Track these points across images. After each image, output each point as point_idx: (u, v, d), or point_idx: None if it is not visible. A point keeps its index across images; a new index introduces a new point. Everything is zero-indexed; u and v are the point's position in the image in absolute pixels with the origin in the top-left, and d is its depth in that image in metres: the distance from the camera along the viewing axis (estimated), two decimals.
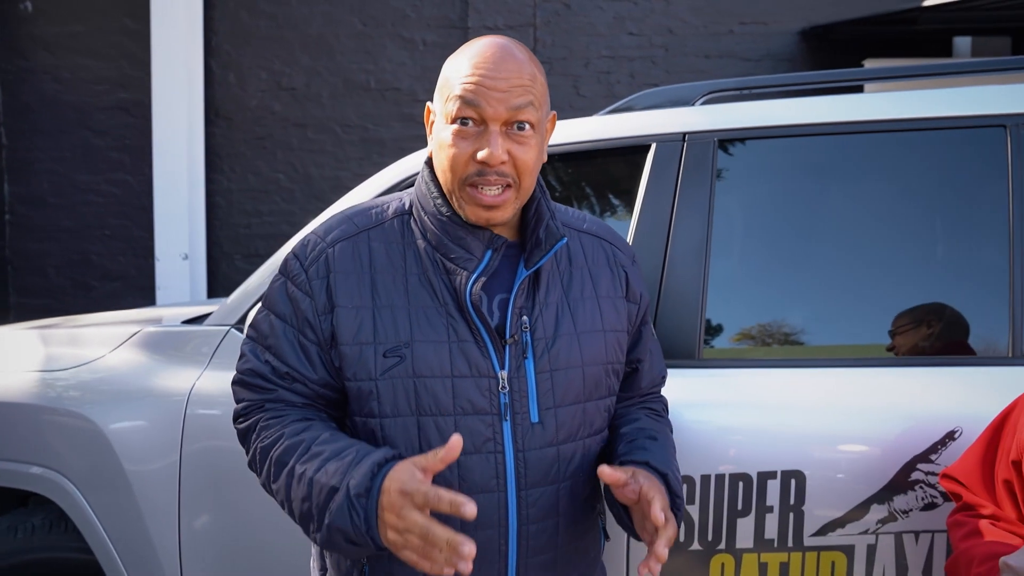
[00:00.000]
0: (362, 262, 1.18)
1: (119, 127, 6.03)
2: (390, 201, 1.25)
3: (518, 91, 1.13)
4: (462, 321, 1.16)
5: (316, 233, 1.22)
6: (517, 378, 1.17)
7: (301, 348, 1.17)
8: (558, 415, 1.19)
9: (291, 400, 1.19)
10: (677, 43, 5.62)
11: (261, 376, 1.20)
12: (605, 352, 1.24)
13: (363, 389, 1.15)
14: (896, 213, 1.72)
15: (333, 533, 1.07)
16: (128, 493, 2.00)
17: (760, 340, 1.70)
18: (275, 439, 1.16)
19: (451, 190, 1.16)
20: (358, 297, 1.16)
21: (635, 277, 1.31)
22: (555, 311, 1.21)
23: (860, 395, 1.54)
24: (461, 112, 1.13)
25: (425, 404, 1.14)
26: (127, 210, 6.08)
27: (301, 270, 1.19)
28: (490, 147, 1.11)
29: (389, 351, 1.14)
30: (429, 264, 1.18)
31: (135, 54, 5.91)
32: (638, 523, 1.15)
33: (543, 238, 1.19)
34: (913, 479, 1.46)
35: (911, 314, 1.64)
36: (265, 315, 1.22)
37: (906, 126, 1.65)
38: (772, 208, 1.76)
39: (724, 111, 1.76)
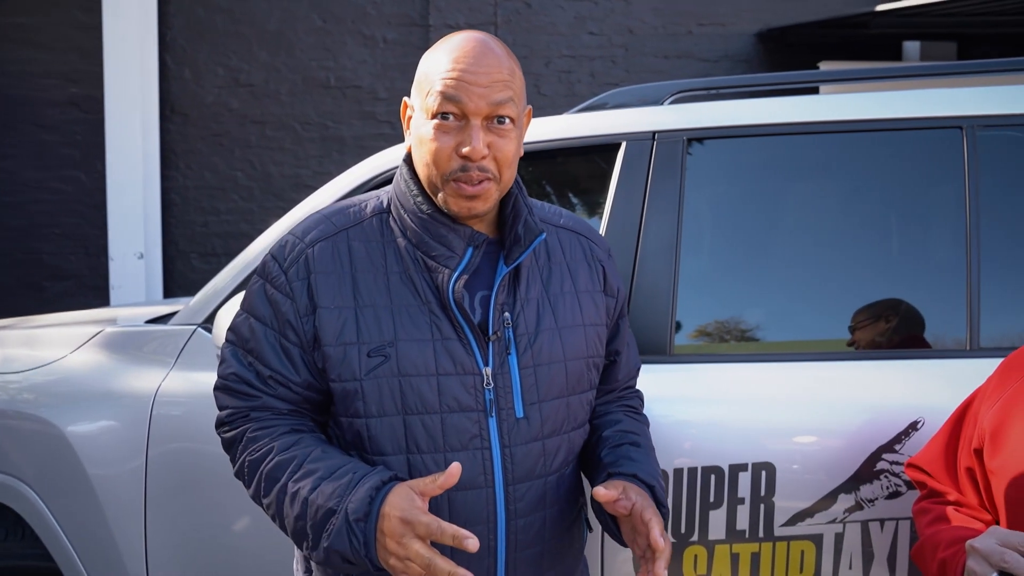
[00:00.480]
0: (342, 262, 1.17)
1: (70, 123, 5.87)
2: (367, 199, 1.24)
3: (499, 86, 1.14)
4: (445, 319, 1.16)
5: (294, 234, 1.21)
6: (501, 374, 1.17)
7: (283, 351, 1.16)
8: (543, 410, 1.20)
9: (277, 407, 1.18)
10: (637, 43, 5.68)
11: (245, 382, 1.18)
12: (586, 346, 1.25)
13: (348, 389, 1.14)
14: (858, 211, 1.77)
15: (331, 555, 1.08)
16: (92, 498, 1.95)
17: (730, 335, 1.74)
18: (264, 453, 1.15)
19: (433, 185, 1.16)
20: (340, 297, 1.15)
21: (612, 271, 1.33)
22: (536, 307, 1.22)
23: (827, 388, 1.59)
24: (442, 107, 1.13)
25: (411, 403, 1.14)
26: (79, 208, 5.93)
27: (280, 272, 1.17)
28: (472, 142, 1.12)
29: (373, 351, 1.14)
30: (410, 262, 1.17)
31: (86, 47, 5.76)
32: (627, 535, 1.18)
33: (522, 234, 1.20)
34: (878, 469, 1.51)
35: (871, 309, 1.69)
36: (245, 318, 1.20)
37: (867, 127, 1.70)
38: (739, 206, 1.80)
39: (693, 110, 1.79)
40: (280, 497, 1.12)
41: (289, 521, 1.12)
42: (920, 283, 1.70)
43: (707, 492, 1.55)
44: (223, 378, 1.21)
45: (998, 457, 1.13)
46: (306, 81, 5.85)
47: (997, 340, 1.59)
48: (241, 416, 1.19)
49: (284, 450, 1.14)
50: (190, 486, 1.91)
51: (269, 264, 1.20)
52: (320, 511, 1.08)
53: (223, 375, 1.21)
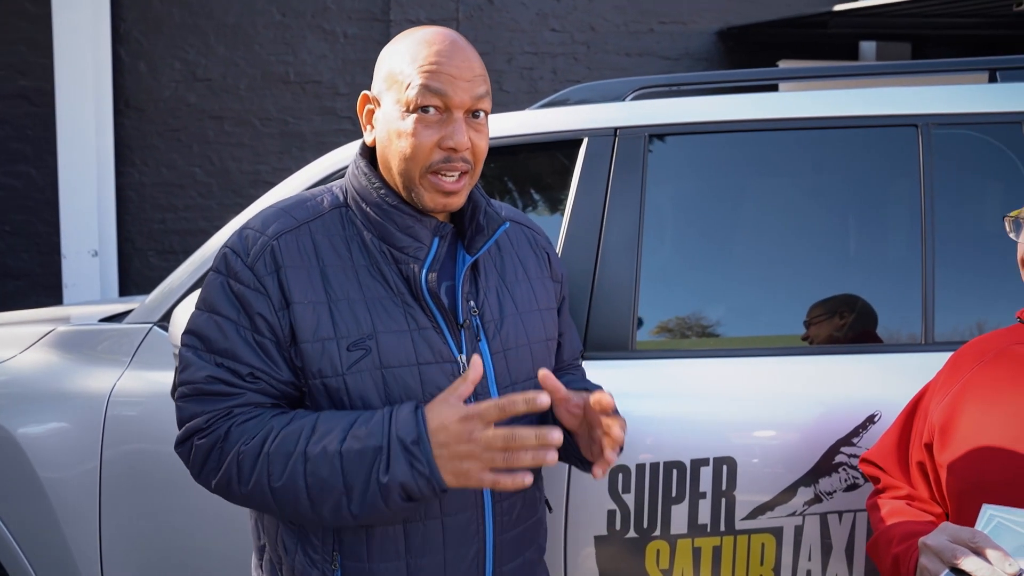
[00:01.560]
0: (309, 255, 1.14)
1: (20, 116, 5.71)
2: (321, 194, 1.23)
3: (479, 80, 1.15)
4: (419, 309, 1.16)
5: (252, 227, 1.16)
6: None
7: (259, 346, 1.12)
8: (515, 392, 1.21)
9: (261, 402, 1.12)
10: (599, 40, 5.70)
11: (222, 381, 1.11)
12: (544, 329, 1.29)
13: (330, 386, 1.12)
14: (816, 208, 1.79)
15: (391, 491, 1.03)
16: (43, 502, 1.90)
17: (691, 331, 1.75)
18: (264, 436, 1.07)
19: (410, 179, 1.15)
20: (312, 292, 1.13)
21: (555, 258, 1.38)
22: (496, 294, 1.24)
23: (787, 383, 1.60)
24: (426, 100, 1.12)
25: (395, 394, 1.13)
26: (30, 204, 5.77)
27: (245, 267, 1.13)
28: (457, 135, 1.12)
29: (353, 344, 1.12)
30: (377, 255, 1.17)
31: (35, 39, 5.60)
32: (585, 446, 1.19)
33: (484, 224, 1.21)
34: (837, 462, 1.53)
35: (828, 305, 1.71)
36: (208, 318, 1.14)
37: (824, 124, 1.73)
38: (700, 202, 1.81)
39: (654, 107, 1.79)
40: (299, 468, 1.05)
41: (315, 490, 1.05)
42: (876, 279, 1.73)
43: (669, 487, 1.56)
44: (192, 383, 1.12)
45: (946, 451, 1.15)
46: (265, 76, 5.77)
47: (950, 335, 1.62)
48: (222, 416, 1.11)
49: (285, 426, 1.08)
50: (146, 488, 1.87)
51: (230, 259, 1.14)
52: (364, 455, 1.04)
53: (191, 380, 1.12)
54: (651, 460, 1.57)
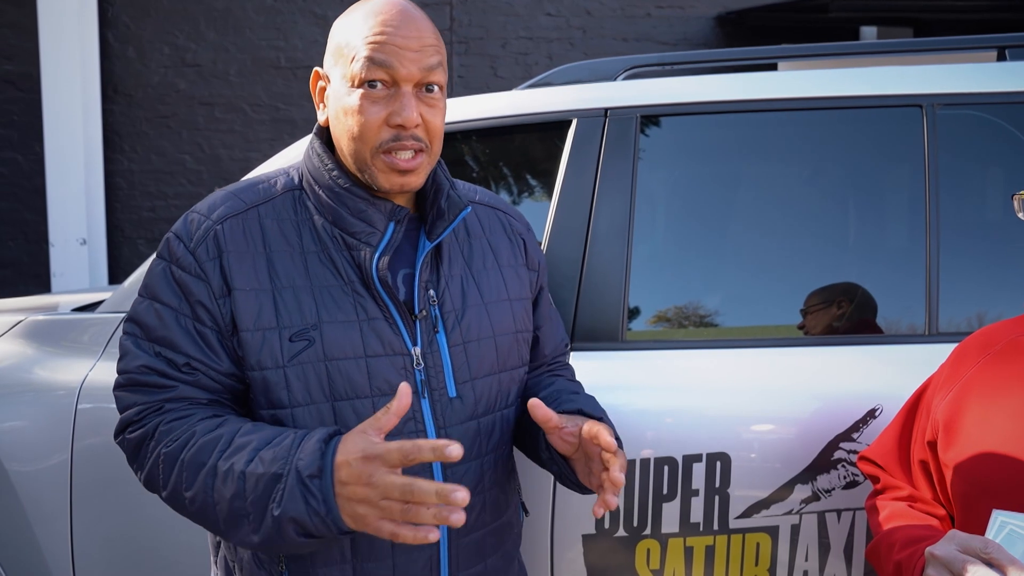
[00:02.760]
0: (255, 241, 1.08)
1: (5, 102, 5.62)
2: (276, 176, 1.15)
3: (430, 51, 1.07)
4: (369, 298, 1.09)
5: (198, 211, 1.10)
6: (431, 353, 1.12)
7: (199, 335, 1.06)
8: (475, 388, 1.15)
9: (195, 396, 1.07)
10: (595, 25, 5.60)
11: (156, 372, 1.06)
12: (514, 321, 1.21)
13: (269, 378, 1.05)
14: (815, 193, 1.71)
15: (284, 526, 0.95)
16: (12, 495, 1.83)
17: (683, 321, 1.67)
18: (184, 440, 1.02)
19: (362, 159, 1.08)
20: (255, 279, 1.06)
21: (532, 244, 1.30)
22: (460, 283, 1.17)
23: (783, 375, 1.53)
24: (371, 74, 1.05)
25: (340, 388, 1.06)
26: (16, 191, 5.69)
27: (187, 252, 1.07)
28: (405, 110, 1.05)
29: (295, 335, 1.06)
30: (328, 240, 1.10)
31: (20, 22, 5.50)
32: (582, 473, 1.10)
33: (445, 208, 1.14)
34: (836, 458, 1.46)
35: (826, 293, 1.64)
36: (148, 305, 1.08)
37: (825, 104, 1.65)
38: (694, 186, 1.73)
39: (646, 86, 1.71)
40: (208, 482, 0.99)
41: (222, 507, 0.98)
42: (878, 266, 1.66)
43: (660, 484, 1.49)
44: (127, 372, 1.07)
45: (951, 450, 1.07)
46: (256, 61, 5.67)
47: (956, 325, 1.54)
48: (153, 410, 1.06)
49: (207, 432, 1.02)
50: (118, 482, 1.80)
51: (172, 243, 1.09)
52: (263, 480, 0.96)
53: (127, 369, 1.07)
54: (641, 456, 1.50)
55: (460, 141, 1.80)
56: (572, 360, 1.58)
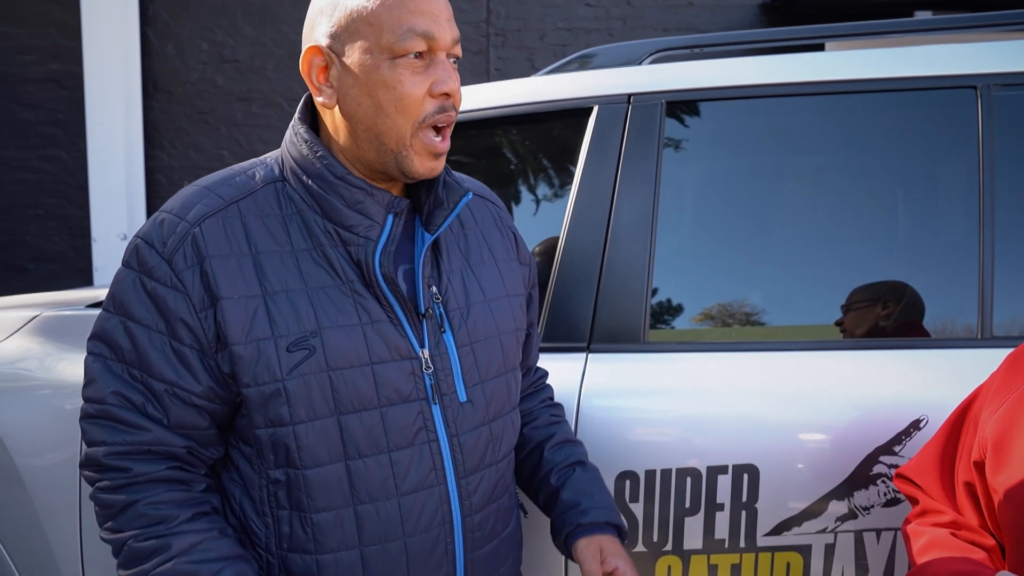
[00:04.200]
0: (238, 241, 0.98)
1: (51, 100, 5.70)
2: (252, 167, 1.05)
3: (454, 20, 1.01)
4: (372, 299, 1.00)
5: (170, 211, 0.99)
6: (439, 355, 1.04)
7: (177, 355, 0.96)
8: (485, 390, 1.08)
9: (171, 445, 0.97)
10: (635, 15, 5.46)
11: (131, 404, 0.96)
12: (513, 318, 1.14)
13: (268, 393, 0.96)
14: (859, 183, 1.58)
15: None
16: (21, 490, 1.81)
17: (710, 322, 1.56)
18: (156, 548, 0.95)
19: (399, 139, 0.98)
20: (243, 285, 0.96)
21: (520, 238, 1.23)
22: (461, 278, 1.09)
23: (818, 381, 1.41)
24: (414, 44, 0.96)
25: (346, 400, 0.97)
26: (62, 188, 5.78)
27: (160, 260, 0.96)
28: (451, 78, 0.99)
29: (294, 344, 0.96)
30: (321, 236, 1.00)
31: (65, 22, 5.58)
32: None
33: (444, 196, 1.05)
34: (875, 473, 1.33)
35: (870, 292, 1.51)
36: (117, 323, 0.97)
37: (869, 87, 1.51)
38: (724, 177, 1.62)
39: (673, 70, 1.60)
40: None
41: None
42: (927, 263, 1.52)
43: (682, 497, 1.38)
44: (96, 402, 0.97)
45: (1002, 473, 0.94)
46: (293, 56, 5.66)
47: (1011, 329, 1.40)
48: (125, 457, 0.96)
49: (182, 553, 0.94)
50: None
51: (143, 251, 0.97)
52: None
53: (95, 398, 0.97)
54: (662, 466, 1.39)
55: (475, 130, 1.71)
56: (590, 363, 1.49)
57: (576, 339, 1.51)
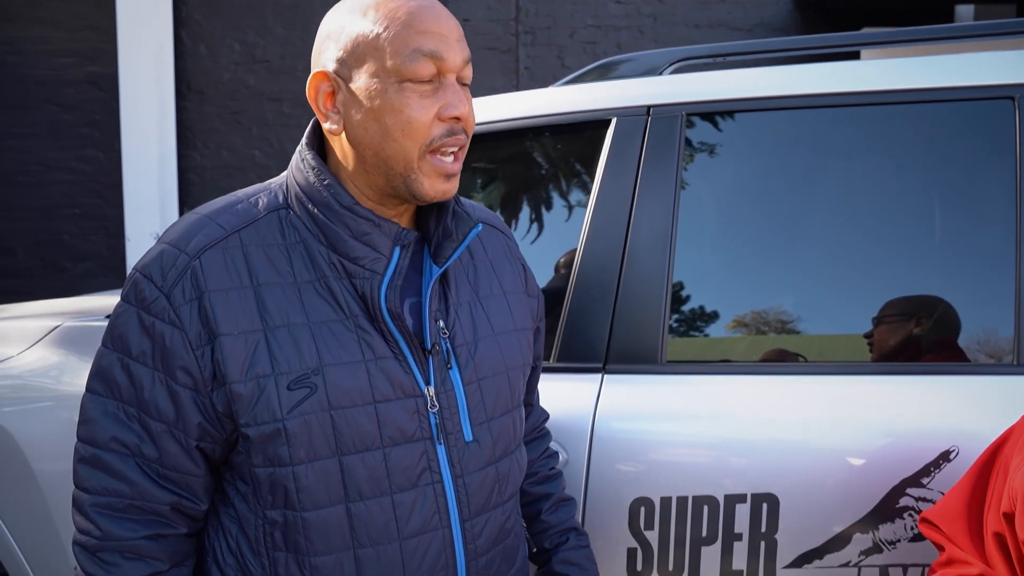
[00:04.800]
0: (239, 273, 0.94)
1: (88, 102, 5.79)
2: (256, 193, 1.02)
3: (464, 41, 0.98)
4: (376, 334, 0.96)
5: (169, 242, 0.95)
6: (444, 393, 1.00)
7: (171, 394, 0.93)
8: (492, 428, 1.04)
9: (156, 499, 0.94)
10: (666, 12, 5.37)
11: (123, 448, 0.93)
12: (521, 354, 1.10)
13: (267, 433, 0.92)
14: (887, 197, 1.51)
15: None
16: (37, 493, 1.84)
17: (731, 342, 1.51)
18: None
19: (406, 164, 0.95)
20: (244, 319, 0.92)
21: (529, 271, 1.19)
22: (469, 312, 1.05)
23: (843, 407, 1.35)
24: (420, 66, 0.93)
25: (348, 441, 0.94)
26: (98, 188, 5.87)
27: (159, 294, 0.92)
28: (461, 101, 0.95)
29: (295, 382, 0.93)
30: (325, 268, 0.97)
31: (101, 25, 5.66)
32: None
33: (453, 227, 1.01)
34: (901, 505, 1.27)
35: (898, 313, 1.44)
36: (115, 359, 0.94)
37: (901, 98, 1.44)
38: (746, 191, 1.56)
39: (694, 81, 1.55)
40: None
41: None
42: (959, 281, 1.45)
43: (699, 526, 1.34)
44: (93, 445, 0.93)
45: None
46: None
47: None
48: (105, 512, 0.93)
49: None
50: None
51: (141, 285, 0.94)
52: None
53: (92, 440, 0.94)
54: (678, 493, 1.35)
55: (489, 143, 1.67)
56: (606, 384, 1.45)
57: (591, 359, 1.47)
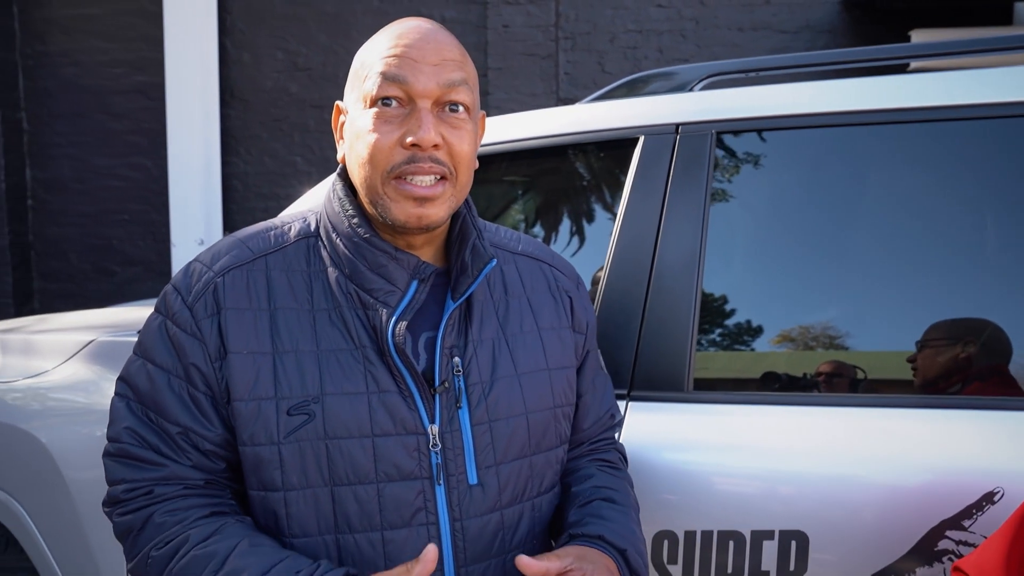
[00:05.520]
0: (259, 296, 0.97)
1: (137, 110, 5.93)
2: (292, 220, 1.05)
3: (451, 65, 0.95)
4: (383, 367, 0.96)
5: (201, 260, 1.00)
6: (450, 433, 0.98)
7: (193, 401, 0.96)
8: (500, 473, 1.00)
9: (188, 478, 0.96)
10: (708, 15, 5.28)
11: (148, 444, 0.96)
12: (552, 394, 1.06)
13: (262, 455, 0.94)
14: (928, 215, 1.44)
15: None
16: (68, 500, 1.87)
17: (761, 368, 1.45)
18: (176, 546, 0.93)
19: (373, 189, 0.96)
20: (255, 340, 0.95)
21: (580, 303, 1.13)
22: (491, 349, 1.02)
23: (880, 442, 1.29)
24: (383, 90, 0.93)
25: (341, 471, 0.94)
26: (145, 194, 6.00)
27: (184, 307, 0.97)
28: (421, 129, 0.92)
29: (294, 408, 0.94)
30: (342, 298, 0.97)
31: (151, 35, 5.79)
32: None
33: (470, 262, 1.00)
34: (940, 548, 1.21)
35: (942, 334, 1.37)
36: (141, 365, 0.99)
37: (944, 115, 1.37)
38: (778, 212, 1.50)
39: (725, 97, 1.50)
40: None
41: None
42: (1010, 304, 1.37)
43: (724, 562, 1.29)
44: (115, 441, 0.98)
45: None
46: None
47: None
48: (143, 492, 0.96)
49: (200, 542, 0.92)
50: None
51: (170, 297, 0.99)
52: None
53: (115, 437, 0.98)
54: (703, 528, 1.30)
55: (515, 161, 1.64)
56: (630, 412, 1.40)
57: (616, 385, 1.43)
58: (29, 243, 6.17)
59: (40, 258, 6.20)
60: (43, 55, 6.01)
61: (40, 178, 6.13)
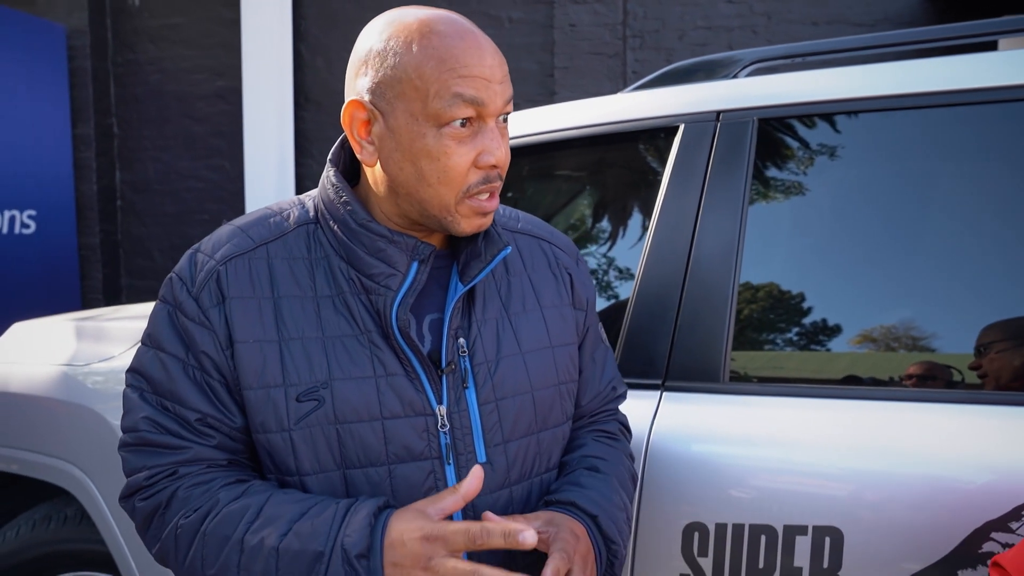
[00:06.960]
0: (261, 284, 0.98)
1: (216, 114, 6.18)
2: (290, 207, 1.05)
3: (508, 79, 0.97)
4: (388, 351, 0.97)
5: (202, 250, 1.01)
6: (458, 413, 0.99)
7: (210, 389, 0.97)
8: (508, 451, 1.02)
9: (212, 458, 0.98)
10: (781, 9, 5.15)
11: (168, 431, 0.96)
12: (556, 371, 1.07)
13: (274, 443, 0.96)
14: (991, 204, 1.37)
15: None
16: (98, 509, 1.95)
17: (800, 361, 1.41)
18: (206, 510, 0.93)
19: (444, 208, 0.96)
20: (260, 329, 0.96)
21: (580, 280, 1.14)
22: (495, 329, 1.03)
23: (924, 438, 1.23)
24: (460, 112, 0.92)
25: (352, 455, 0.96)
26: (223, 195, 6.24)
27: (189, 297, 0.97)
28: (499, 149, 0.94)
29: (303, 394, 0.95)
30: (344, 283, 0.99)
31: (230, 42, 6.02)
32: None
33: (483, 248, 1.00)
34: (984, 551, 1.15)
35: (1004, 334, 1.31)
36: (153, 355, 0.99)
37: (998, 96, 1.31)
38: (821, 202, 1.46)
39: (768, 83, 1.46)
40: (233, 558, 0.90)
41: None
42: None
43: (755, 556, 1.25)
44: (134, 430, 0.97)
45: None
46: None
47: None
48: (167, 475, 0.96)
49: (232, 500, 0.93)
50: None
51: (175, 286, 0.99)
52: (301, 558, 0.88)
53: (134, 427, 0.98)
54: (734, 520, 1.27)
55: (552, 152, 1.64)
56: (664, 402, 1.39)
57: (650, 375, 1.42)
58: (118, 242, 6.50)
59: (127, 256, 6.52)
60: (133, 63, 6.33)
61: (128, 180, 6.45)
